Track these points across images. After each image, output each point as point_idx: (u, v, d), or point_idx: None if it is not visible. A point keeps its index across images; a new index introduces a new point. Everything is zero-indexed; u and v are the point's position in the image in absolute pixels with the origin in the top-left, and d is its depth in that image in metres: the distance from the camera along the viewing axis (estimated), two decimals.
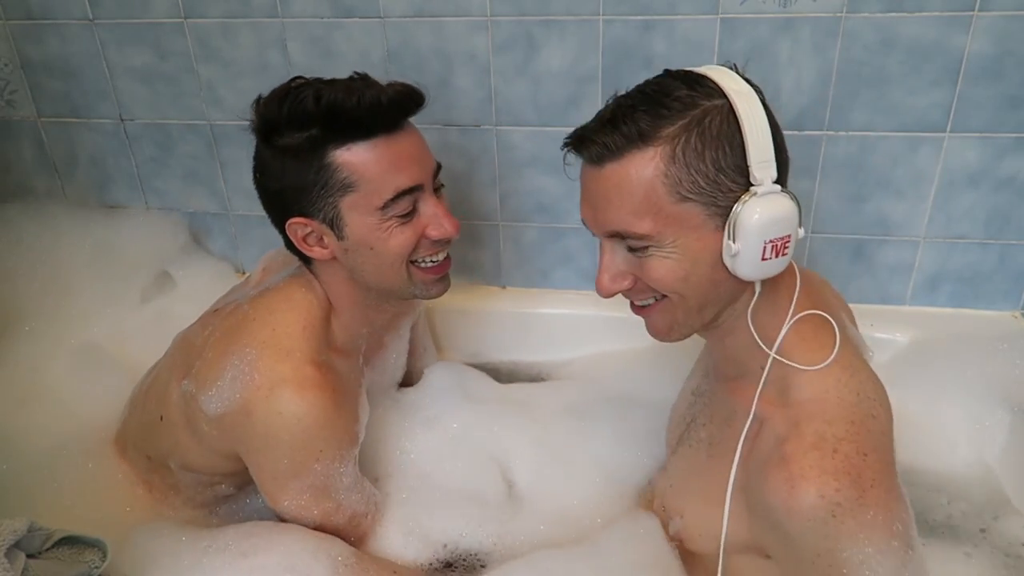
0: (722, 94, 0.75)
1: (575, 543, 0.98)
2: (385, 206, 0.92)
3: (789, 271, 0.83)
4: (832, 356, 0.82)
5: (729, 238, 0.76)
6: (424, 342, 1.37)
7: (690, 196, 0.75)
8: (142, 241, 1.53)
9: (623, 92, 0.79)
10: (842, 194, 1.31)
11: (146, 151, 1.51)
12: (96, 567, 0.86)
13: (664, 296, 0.82)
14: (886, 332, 1.34)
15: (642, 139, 0.74)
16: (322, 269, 1.00)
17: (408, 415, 1.21)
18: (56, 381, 1.30)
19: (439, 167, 0.99)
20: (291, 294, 1.01)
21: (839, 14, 1.17)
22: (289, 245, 0.98)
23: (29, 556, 0.83)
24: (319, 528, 0.98)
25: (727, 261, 0.77)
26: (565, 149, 0.80)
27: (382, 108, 0.89)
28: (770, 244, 0.76)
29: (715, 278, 0.79)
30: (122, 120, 1.49)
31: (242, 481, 1.06)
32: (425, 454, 1.17)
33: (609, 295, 0.84)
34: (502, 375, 1.48)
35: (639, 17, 1.22)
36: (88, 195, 1.58)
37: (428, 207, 0.96)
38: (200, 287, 1.07)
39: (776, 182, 0.76)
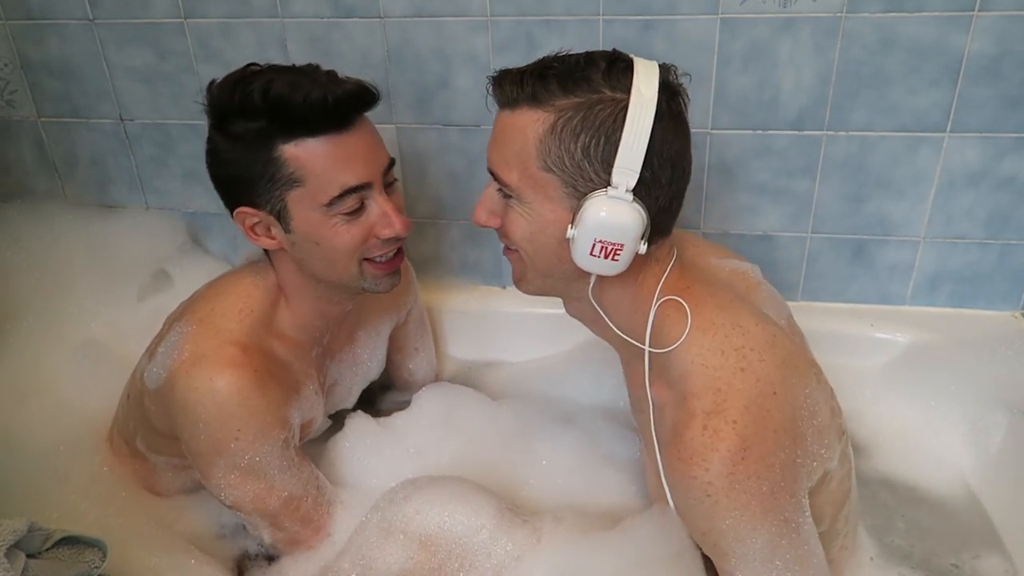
0: (628, 91, 0.77)
1: (598, 533, 0.98)
2: (331, 203, 0.91)
3: (656, 267, 0.87)
4: (684, 335, 0.83)
5: (571, 221, 0.80)
6: (417, 343, 1.36)
7: (553, 168, 0.80)
8: (140, 240, 1.53)
9: (567, 50, 0.83)
10: (842, 194, 1.31)
11: (146, 151, 1.51)
12: (96, 567, 0.86)
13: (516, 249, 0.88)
14: (886, 332, 1.35)
15: (535, 100, 0.79)
16: (276, 257, 1.01)
17: (394, 443, 1.18)
18: (54, 379, 1.30)
19: (392, 163, 0.98)
20: (240, 279, 1.03)
21: (839, 14, 1.17)
22: None
23: (29, 556, 0.83)
24: (256, 511, 0.98)
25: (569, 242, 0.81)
26: (487, 83, 0.85)
27: (328, 107, 0.88)
28: (599, 244, 0.79)
29: (559, 253, 0.83)
30: (122, 120, 1.49)
31: None
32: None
33: (480, 225, 0.90)
34: (501, 377, 1.48)
35: (639, 17, 1.22)
36: (88, 195, 1.57)
37: (377, 205, 0.95)
38: (197, 285, 1.09)
39: (637, 195, 0.78)
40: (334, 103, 0.88)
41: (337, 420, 1.23)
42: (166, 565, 1.01)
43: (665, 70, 0.80)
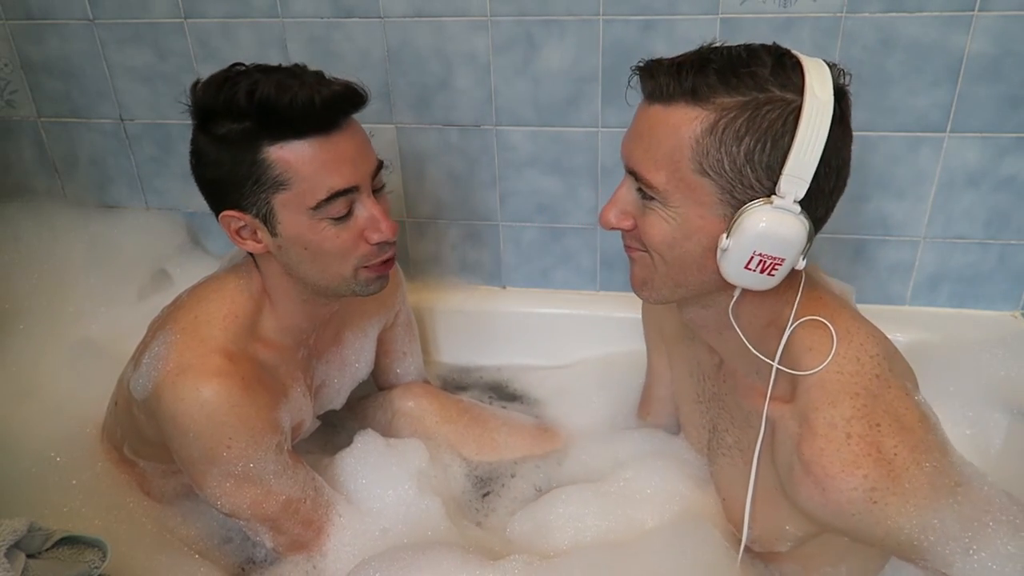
0: (800, 92, 0.71)
1: (627, 541, 0.96)
2: (318, 206, 0.89)
3: (796, 283, 0.82)
4: (830, 355, 0.79)
5: (726, 231, 0.74)
6: (405, 347, 1.33)
7: (709, 173, 0.73)
8: (140, 240, 1.53)
9: (722, 43, 0.76)
10: (842, 194, 1.31)
11: (146, 151, 1.51)
12: (96, 567, 0.86)
13: (648, 252, 0.81)
14: (886, 332, 1.34)
15: (694, 96, 0.72)
16: (262, 259, 0.99)
17: (400, 465, 1.15)
18: (54, 379, 1.30)
19: (380, 165, 0.96)
20: (224, 283, 1.01)
21: (839, 14, 1.17)
22: None
23: (29, 556, 0.83)
24: (255, 516, 0.97)
25: (718, 253, 0.76)
26: (633, 72, 0.78)
27: (315, 109, 0.85)
28: (759, 257, 0.73)
29: (702, 263, 0.78)
30: (122, 120, 1.49)
31: None
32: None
33: (608, 227, 0.83)
34: (501, 378, 1.48)
35: (639, 17, 1.22)
36: (88, 195, 1.57)
37: (364, 209, 0.93)
38: None
39: (802, 207, 0.73)
40: (321, 104, 0.86)
41: (332, 423, 1.22)
42: (166, 567, 1.01)
43: (834, 71, 0.74)
